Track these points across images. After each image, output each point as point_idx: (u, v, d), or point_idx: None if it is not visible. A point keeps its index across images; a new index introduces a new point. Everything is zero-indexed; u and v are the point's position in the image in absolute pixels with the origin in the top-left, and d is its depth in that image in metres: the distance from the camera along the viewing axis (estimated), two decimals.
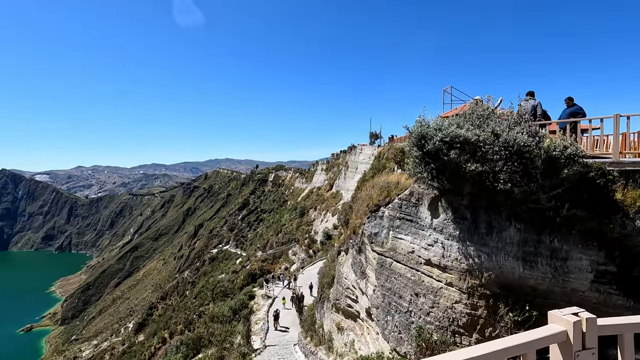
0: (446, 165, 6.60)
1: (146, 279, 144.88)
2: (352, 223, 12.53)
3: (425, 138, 6.56)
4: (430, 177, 6.80)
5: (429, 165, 6.74)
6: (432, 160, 6.67)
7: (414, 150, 6.89)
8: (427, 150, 6.59)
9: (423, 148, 6.63)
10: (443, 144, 6.40)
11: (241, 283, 51.74)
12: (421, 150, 6.69)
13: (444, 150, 6.43)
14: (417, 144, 6.70)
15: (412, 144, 6.94)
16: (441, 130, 6.48)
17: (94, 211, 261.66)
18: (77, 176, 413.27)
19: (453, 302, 7.29)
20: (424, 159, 6.80)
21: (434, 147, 6.43)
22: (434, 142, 6.39)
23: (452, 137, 6.33)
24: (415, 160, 7.06)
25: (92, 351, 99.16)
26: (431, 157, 6.67)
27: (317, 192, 76.44)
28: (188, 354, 28.84)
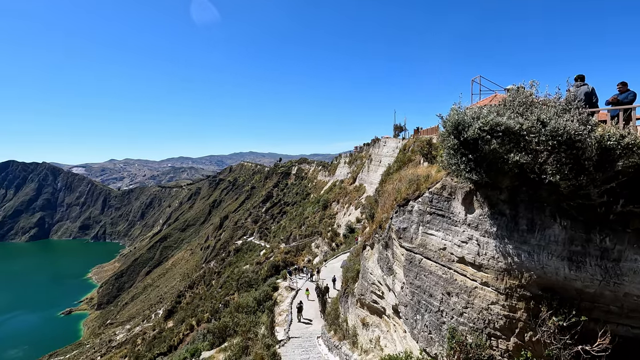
0: (484, 156, 6.11)
1: (175, 268, 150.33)
2: (378, 217, 12.15)
3: (462, 126, 6.08)
4: (467, 170, 6.32)
5: (465, 157, 6.26)
6: (469, 151, 6.18)
7: (449, 140, 6.42)
8: (464, 140, 6.11)
9: (459, 137, 6.16)
10: (482, 133, 5.91)
11: (265, 274, 52.48)
12: (457, 139, 6.22)
13: (483, 140, 5.93)
14: (453, 133, 6.23)
15: (446, 133, 6.47)
16: (479, 118, 5.98)
17: (126, 202, 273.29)
18: (110, 169, 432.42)
19: (489, 303, 6.84)
20: (459, 150, 6.33)
21: (472, 136, 5.95)
22: (472, 130, 5.90)
23: (491, 126, 5.83)
24: (449, 151, 6.59)
25: (126, 335, 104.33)
26: (468, 147, 6.19)
27: (340, 185, 76.06)
28: (214, 342, 29.56)
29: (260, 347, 18.56)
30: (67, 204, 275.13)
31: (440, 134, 6.94)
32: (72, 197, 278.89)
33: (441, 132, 6.88)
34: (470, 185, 7.22)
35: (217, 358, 24.91)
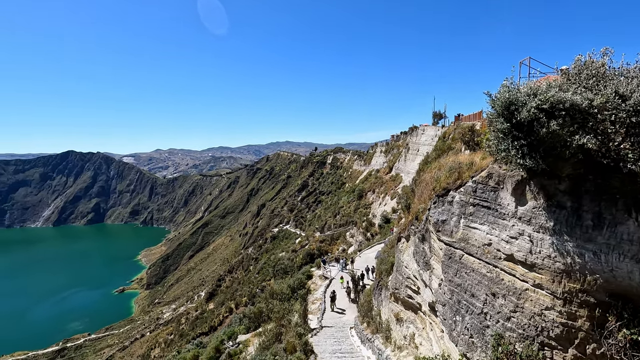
0: (541, 140, 5.21)
1: (215, 253, 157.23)
2: (415, 208, 11.36)
3: (515, 106, 5.21)
4: (520, 155, 5.44)
5: (518, 141, 5.39)
6: (523, 134, 5.31)
7: (499, 122, 5.56)
8: (517, 121, 5.25)
9: (511, 119, 5.29)
10: (539, 113, 5.02)
11: (300, 262, 53.04)
12: (509, 121, 5.36)
13: (540, 121, 5.05)
14: (503, 114, 5.37)
15: (495, 114, 5.62)
16: (537, 95, 5.08)
17: (171, 190, 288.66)
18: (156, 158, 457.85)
19: (543, 307, 5.98)
20: (511, 133, 5.47)
21: (528, 116, 5.08)
22: (527, 110, 5.02)
23: (552, 104, 4.92)
24: (498, 134, 5.73)
25: (171, 314, 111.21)
26: (522, 129, 5.32)
27: (376, 174, 74.58)
28: (250, 327, 30.32)
29: (292, 335, 18.59)
30: (119, 191, 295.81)
31: (488, 115, 6.08)
32: (123, 185, 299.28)
33: (489, 113, 6.02)
34: (523, 174, 6.31)
35: (252, 342, 25.49)
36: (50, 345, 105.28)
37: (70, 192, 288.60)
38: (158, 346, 78.25)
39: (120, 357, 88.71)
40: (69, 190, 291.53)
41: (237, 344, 26.20)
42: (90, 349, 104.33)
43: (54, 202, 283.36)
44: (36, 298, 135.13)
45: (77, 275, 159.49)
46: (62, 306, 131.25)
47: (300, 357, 15.00)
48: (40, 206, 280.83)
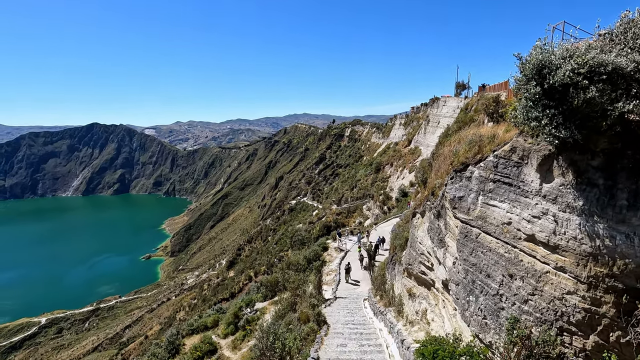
0: (575, 109, 4.62)
1: (235, 223, 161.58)
2: (431, 183, 10.88)
3: (548, 69, 4.58)
4: (551, 126, 4.87)
5: (550, 109, 4.80)
6: (555, 102, 4.71)
7: (528, 88, 4.95)
8: (549, 87, 4.64)
9: (543, 83, 4.68)
10: (575, 77, 4.41)
11: (317, 234, 53.69)
12: (540, 86, 4.74)
13: (576, 87, 4.43)
14: (534, 78, 4.76)
15: (524, 79, 5.00)
16: (573, 57, 4.44)
17: (191, 162, 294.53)
18: (176, 130, 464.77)
19: (564, 292, 5.59)
20: (541, 101, 4.86)
21: (561, 81, 4.47)
22: (562, 73, 4.41)
23: (591, 67, 4.29)
24: (527, 102, 5.12)
25: (195, 280, 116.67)
26: (553, 97, 4.71)
27: (394, 147, 73.10)
28: (267, 295, 31.25)
29: (306, 305, 18.95)
30: (142, 163, 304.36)
31: (516, 81, 5.44)
32: (145, 157, 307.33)
33: (517, 78, 5.38)
34: (551, 148, 5.73)
35: (268, 310, 26.32)
36: (85, 305, 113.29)
37: (97, 164, 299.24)
38: (182, 309, 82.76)
39: (149, 318, 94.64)
40: (95, 161, 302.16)
41: (255, 311, 27.14)
42: (121, 310, 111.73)
43: (82, 173, 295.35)
44: (71, 263, 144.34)
45: (107, 242, 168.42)
46: (94, 271, 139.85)
47: (313, 327, 15.28)
48: (69, 176, 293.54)
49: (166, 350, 25.69)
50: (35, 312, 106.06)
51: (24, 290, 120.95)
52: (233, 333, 24.76)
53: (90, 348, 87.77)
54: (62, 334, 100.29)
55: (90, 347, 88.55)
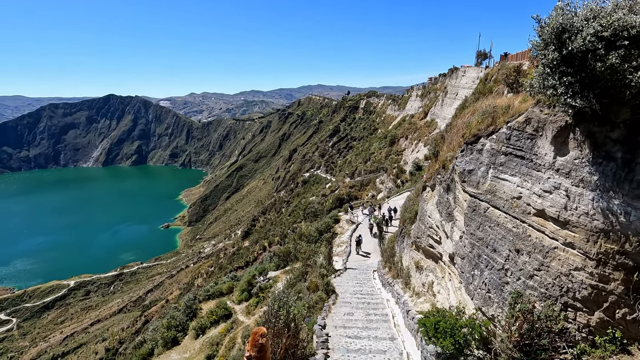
0: (597, 76, 4.29)
1: (249, 195, 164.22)
2: (442, 156, 10.62)
3: (569, 33, 4.21)
4: (571, 94, 4.54)
5: (568, 77, 4.47)
6: (574, 69, 4.38)
7: (546, 54, 4.60)
8: (568, 53, 4.29)
9: (563, 48, 4.33)
10: (597, 42, 4.05)
11: (329, 206, 54.12)
12: (559, 51, 4.39)
13: (597, 52, 4.09)
14: (553, 43, 4.40)
15: (543, 44, 4.63)
16: (596, 18, 4.06)
17: (206, 134, 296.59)
18: (190, 102, 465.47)
19: (571, 268, 5.47)
20: (559, 67, 4.52)
21: (581, 46, 4.12)
22: (582, 37, 4.05)
23: (616, 30, 3.92)
24: (545, 69, 4.77)
25: (211, 249, 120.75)
26: (573, 63, 4.37)
27: (410, 120, 71.45)
28: (279, 264, 32.14)
29: (316, 275, 19.42)
30: (158, 134, 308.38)
31: (534, 46, 5.06)
32: (161, 128, 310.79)
33: (535, 43, 5.00)
34: (568, 119, 5.41)
35: (280, 278, 27.17)
36: (109, 270, 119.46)
37: (115, 135, 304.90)
38: (200, 276, 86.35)
39: (169, 284, 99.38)
40: (113, 132, 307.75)
41: (268, 279, 28.06)
42: (143, 275, 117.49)
43: (101, 144, 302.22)
44: (94, 230, 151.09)
45: (127, 211, 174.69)
46: (116, 238, 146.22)
47: (322, 296, 15.71)
48: (89, 147, 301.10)
49: (184, 314, 27.06)
50: (64, 276, 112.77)
51: (52, 255, 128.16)
52: (247, 299, 25.78)
53: (116, 309, 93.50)
54: (89, 296, 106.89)
55: (116, 308, 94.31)
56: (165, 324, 26.21)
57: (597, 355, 5.24)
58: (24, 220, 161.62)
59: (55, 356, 73.72)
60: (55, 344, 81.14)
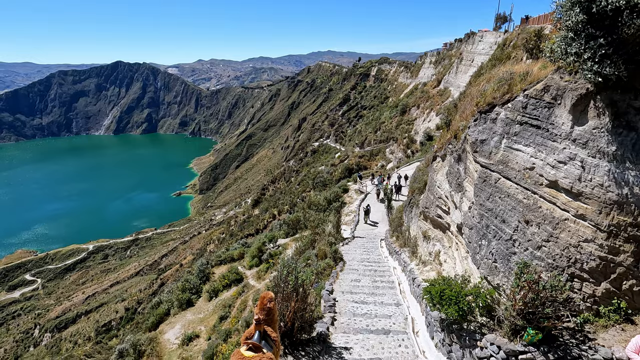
0: (627, 39, 4.02)
1: (259, 164, 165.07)
2: (455, 125, 10.36)
3: None
4: (598, 60, 4.28)
5: (595, 41, 4.19)
6: (603, 31, 4.10)
7: (571, 15, 4.30)
8: (597, 13, 4.00)
9: (591, 7, 4.03)
10: (626, 3, 3.75)
11: (338, 176, 54.17)
12: (586, 12, 4.10)
13: (631, 11, 3.80)
14: (580, 2, 4.10)
15: (568, 4, 4.32)
16: None
17: (215, 102, 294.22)
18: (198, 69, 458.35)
19: (581, 239, 5.44)
20: (585, 30, 4.24)
21: (612, 4, 3.83)
22: None
23: None
24: (569, 33, 4.49)
25: (222, 217, 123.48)
26: (600, 25, 4.09)
27: (422, 88, 69.39)
28: (288, 232, 32.79)
29: (324, 243, 19.82)
30: (167, 103, 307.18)
31: (558, 8, 4.73)
32: (170, 96, 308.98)
33: (560, 4, 4.67)
34: (589, 86, 5.16)
35: (289, 246, 27.84)
36: (125, 236, 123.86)
37: (124, 103, 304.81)
38: (212, 242, 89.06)
39: (182, 249, 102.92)
40: (123, 100, 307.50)
41: (277, 246, 28.78)
42: (157, 241, 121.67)
43: (111, 112, 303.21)
44: (109, 197, 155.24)
45: (139, 179, 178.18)
46: (129, 205, 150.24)
47: (330, 263, 16.10)
48: (100, 115, 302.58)
49: (198, 278, 28.19)
50: (82, 240, 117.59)
51: (70, 220, 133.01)
52: (257, 265, 26.61)
53: (133, 272, 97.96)
54: (107, 260, 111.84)
55: (133, 271, 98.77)
56: (180, 286, 27.40)
57: (600, 324, 5.32)
58: (42, 187, 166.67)
59: (79, 314, 78.54)
60: (78, 303, 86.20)
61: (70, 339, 68.19)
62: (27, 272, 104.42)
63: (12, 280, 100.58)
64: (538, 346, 5.31)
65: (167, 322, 23.12)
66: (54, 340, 69.56)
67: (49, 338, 72.69)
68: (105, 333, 63.78)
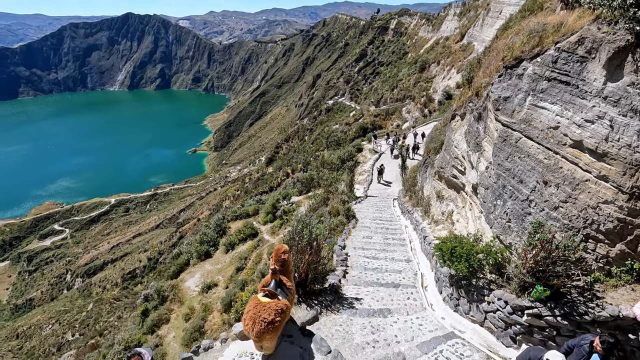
0: None
1: (273, 122, 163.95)
2: (477, 82, 9.91)
3: None
4: None
5: None
6: None
7: None
8: None
9: None
10: None
11: (352, 135, 53.57)
12: None
13: None
14: None
15: None
16: None
17: (227, 57, 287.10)
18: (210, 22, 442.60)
19: (600, 201, 5.35)
20: None
21: None
22: None
23: None
24: None
25: (237, 174, 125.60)
26: None
27: (444, 43, 65.63)
28: (302, 190, 33.27)
29: (337, 201, 20.10)
30: (180, 57, 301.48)
31: None
32: (182, 50, 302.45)
33: None
34: (629, 37, 4.78)
35: (303, 203, 28.37)
36: (144, 190, 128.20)
37: (137, 57, 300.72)
38: (227, 199, 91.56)
39: (199, 204, 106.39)
40: (135, 55, 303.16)
41: (291, 203, 29.37)
42: (175, 196, 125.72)
43: (124, 67, 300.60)
44: (126, 153, 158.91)
45: (155, 135, 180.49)
46: (147, 161, 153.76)
47: (342, 220, 16.43)
48: (114, 70, 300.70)
49: (215, 231, 29.36)
50: (104, 194, 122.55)
51: (92, 175, 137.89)
52: (271, 221, 27.40)
53: (154, 225, 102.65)
54: (129, 213, 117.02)
55: (154, 224, 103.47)
56: (198, 239, 28.68)
57: (611, 284, 5.39)
58: (62, 142, 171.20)
59: (106, 262, 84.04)
60: (104, 252, 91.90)
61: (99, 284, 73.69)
62: (56, 222, 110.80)
63: (43, 230, 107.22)
64: (545, 302, 5.45)
65: (187, 271, 24.55)
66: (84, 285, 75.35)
67: (80, 282, 78.72)
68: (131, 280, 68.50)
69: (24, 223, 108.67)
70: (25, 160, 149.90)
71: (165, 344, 17.12)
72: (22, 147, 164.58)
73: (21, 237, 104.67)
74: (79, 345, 38.42)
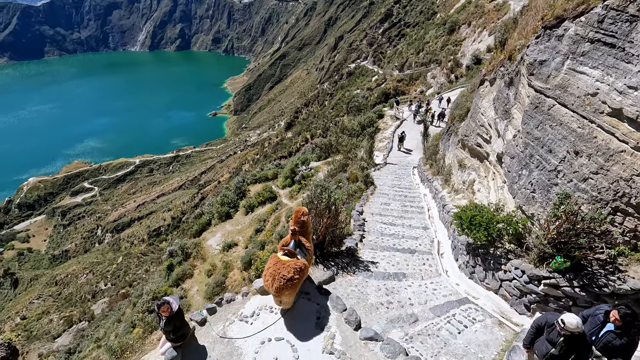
0: None
1: (293, 86, 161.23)
2: (511, 44, 9.29)
3: None
4: None
5: None
6: None
7: None
8: None
9: None
10: None
11: (374, 101, 52.21)
12: None
13: None
14: None
15: None
16: None
17: (247, 17, 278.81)
18: None
19: (634, 173, 5.11)
20: None
21: None
22: None
23: None
24: None
25: (257, 138, 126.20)
26: None
27: (476, 2, 61.07)
28: (321, 156, 33.26)
29: (356, 167, 20.04)
30: (199, 17, 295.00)
31: None
32: (202, 9, 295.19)
33: None
34: None
35: (321, 169, 28.46)
36: (166, 152, 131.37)
37: (157, 16, 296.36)
38: (247, 162, 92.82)
39: (220, 167, 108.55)
40: (155, 14, 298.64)
41: (310, 168, 29.49)
42: (196, 159, 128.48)
43: (145, 27, 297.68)
44: (148, 114, 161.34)
45: (176, 97, 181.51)
46: (169, 123, 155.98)
47: (361, 186, 16.46)
48: (134, 30, 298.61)
49: (235, 193, 30.08)
50: (129, 154, 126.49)
51: (116, 135, 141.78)
52: (290, 185, 27.73)
53: (176, 186, 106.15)
54: (153, 173, 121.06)
55: (176, 185, 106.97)
56: (219, 200, 29.51)
57: (635, 258, 5.28)
58: (87, 102, 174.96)
59: (133, 219, 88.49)
60: (131, 210, 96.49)
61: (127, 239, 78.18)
62: (85, 180, 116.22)
63: (74, 187, 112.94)
64: (564, 273, 5.42)
65: (209, 231, 25.56)
66: (114, 240, 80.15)
67: (109, 237, 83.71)
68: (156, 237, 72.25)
69: (56, 180, 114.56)
70: (53, 120, 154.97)
71: (190, 297, 18.29)
72: (49, 106, 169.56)
73: (54, 193, 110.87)
74: (111, 294, 41.62)
